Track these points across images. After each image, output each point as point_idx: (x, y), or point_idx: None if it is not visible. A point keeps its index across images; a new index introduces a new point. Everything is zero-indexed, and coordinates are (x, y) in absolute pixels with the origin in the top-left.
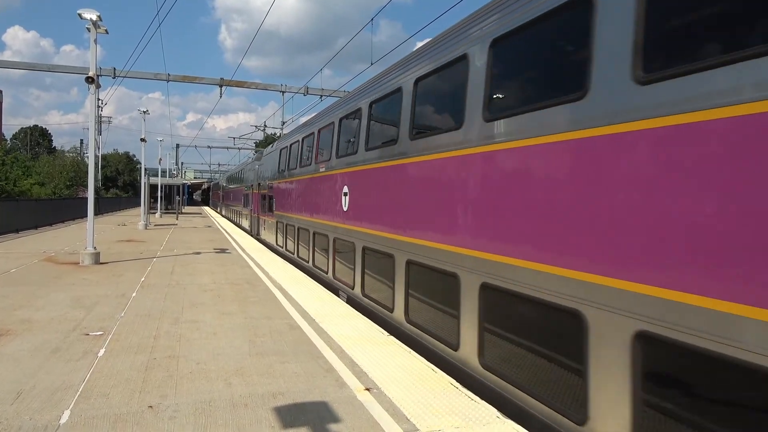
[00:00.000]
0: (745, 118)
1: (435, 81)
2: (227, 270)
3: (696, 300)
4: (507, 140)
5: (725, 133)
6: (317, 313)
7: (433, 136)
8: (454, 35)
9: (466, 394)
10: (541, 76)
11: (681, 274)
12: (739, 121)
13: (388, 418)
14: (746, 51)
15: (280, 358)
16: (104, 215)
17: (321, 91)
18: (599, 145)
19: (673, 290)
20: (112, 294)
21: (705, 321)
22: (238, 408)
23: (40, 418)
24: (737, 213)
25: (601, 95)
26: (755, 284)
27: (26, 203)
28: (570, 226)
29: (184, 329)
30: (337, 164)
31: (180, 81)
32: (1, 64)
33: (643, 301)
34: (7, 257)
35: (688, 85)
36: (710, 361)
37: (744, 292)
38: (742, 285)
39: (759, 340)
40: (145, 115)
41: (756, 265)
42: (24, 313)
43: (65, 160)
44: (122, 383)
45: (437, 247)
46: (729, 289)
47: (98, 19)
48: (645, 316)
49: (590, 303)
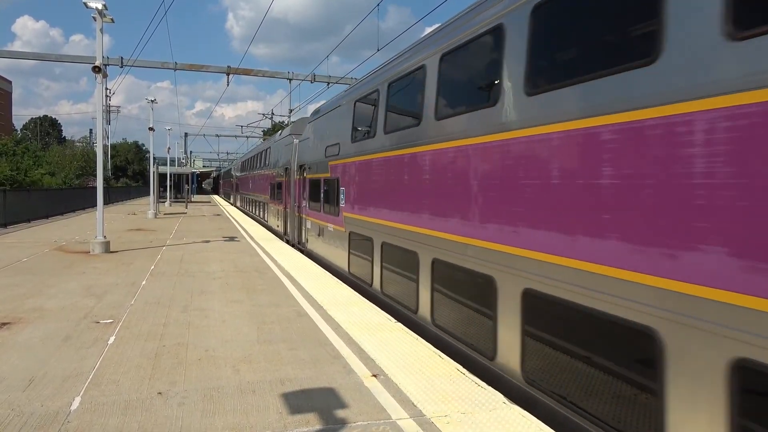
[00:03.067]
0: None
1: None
2: (236, 258)
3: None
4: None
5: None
6: (325, 300)
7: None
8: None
9: (473, 380)
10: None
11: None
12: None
13: (394, 403)
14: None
15: (288, 345)
16: (114, 204)
17: (328, 78)
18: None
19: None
20: (122, 282)
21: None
22: (246, 394)
23: (51, 404)
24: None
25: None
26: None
27: (37, 193)
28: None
29: (193, 317)
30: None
31: (187, 69)
32: (10, 55)
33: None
34: (19, 246)
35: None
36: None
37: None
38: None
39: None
40: (153, 105)
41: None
42: (36, 301)
43: (75, 150)
44: (132, 370)
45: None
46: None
47: (104, 8)
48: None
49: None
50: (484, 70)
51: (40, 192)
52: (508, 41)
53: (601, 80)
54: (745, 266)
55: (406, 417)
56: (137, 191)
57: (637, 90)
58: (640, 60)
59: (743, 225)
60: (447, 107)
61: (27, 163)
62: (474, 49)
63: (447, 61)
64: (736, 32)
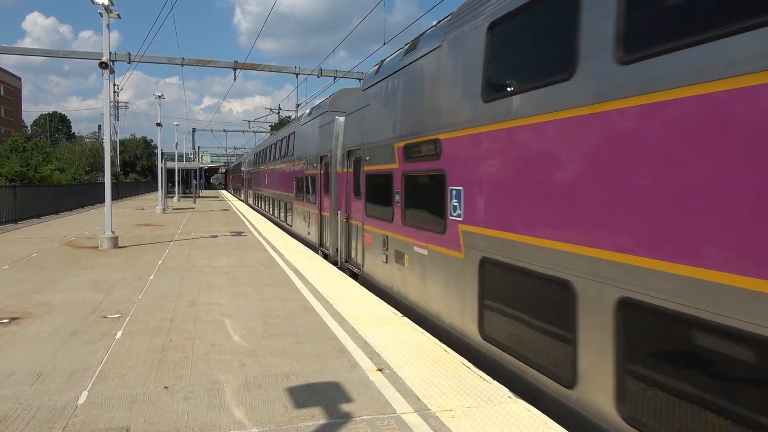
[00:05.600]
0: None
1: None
2: (243, 253)
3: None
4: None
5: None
6: (331, 295)
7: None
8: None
9: (478, 374)
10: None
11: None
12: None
13: (399, 398)
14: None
15: (294, 339)
16: (123, 200)
17: (335, 72)
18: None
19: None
20: (129, 277)
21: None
22: (252, 388)
23: (58, 398)
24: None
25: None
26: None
27: (47, 189)
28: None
29: (200, 311)
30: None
31: (194, 65)
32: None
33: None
34: (29, 242)
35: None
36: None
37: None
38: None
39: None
40: (161, 100)
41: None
42: (44, 296)
43: (84, 146)
44: (139, 365)
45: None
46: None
47: (110, 4)
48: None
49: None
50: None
51: (50, 188)
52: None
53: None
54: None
55: (411, 411)
56: (146, 186)
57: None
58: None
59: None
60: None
61: (36, 159)
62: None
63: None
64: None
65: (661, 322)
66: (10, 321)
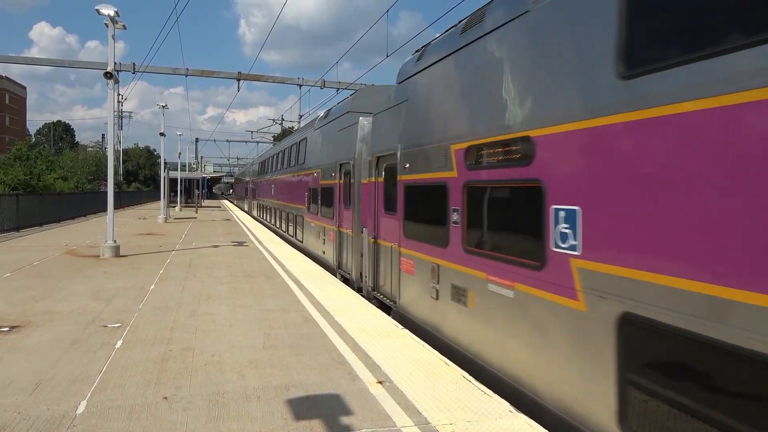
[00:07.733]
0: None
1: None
2: (244, 263)
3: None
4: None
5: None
6: (332, 306)
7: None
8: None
9: (479, 388)
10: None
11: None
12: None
13: (399, 411)
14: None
15: (294, 351)
16: (125, 209)
17: (338, 84)
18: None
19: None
20: (130, 286)
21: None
22: (251, 400)
23: (57, 408)
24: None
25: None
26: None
27: (49, 197)
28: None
29: (200, 321)
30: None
31: (198, 75)
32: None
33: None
34: (30, 250)
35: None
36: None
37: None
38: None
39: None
40: (164, 110)
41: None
42: (45, 304)
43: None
44: (138, 375)
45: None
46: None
47: (116, 15)
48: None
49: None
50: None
51: (53, 196)
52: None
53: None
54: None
55: (411, 425)
56: (148, 195)
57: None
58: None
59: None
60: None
61: (40, 167)
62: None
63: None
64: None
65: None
66: (10, 329)
